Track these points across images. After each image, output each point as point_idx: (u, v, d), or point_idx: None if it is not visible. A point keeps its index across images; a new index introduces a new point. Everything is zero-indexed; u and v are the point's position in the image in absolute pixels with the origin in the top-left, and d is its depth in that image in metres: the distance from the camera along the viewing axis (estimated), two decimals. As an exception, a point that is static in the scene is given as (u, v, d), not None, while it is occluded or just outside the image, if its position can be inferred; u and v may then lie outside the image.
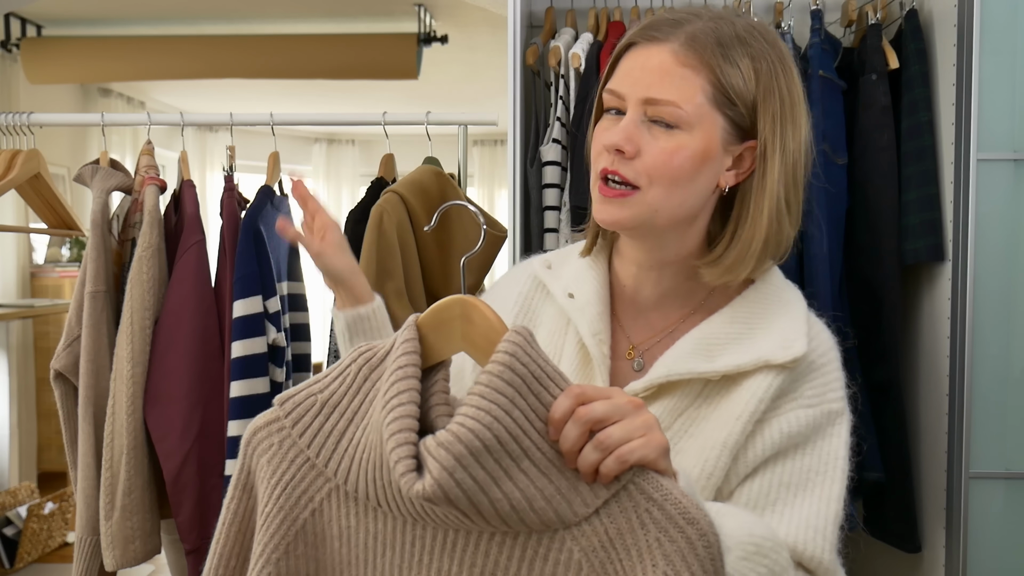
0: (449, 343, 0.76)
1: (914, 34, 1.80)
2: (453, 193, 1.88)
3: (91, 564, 1.87)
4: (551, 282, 1.01)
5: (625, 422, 0.70)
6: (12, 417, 4.01)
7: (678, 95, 0.86)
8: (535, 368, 0.70)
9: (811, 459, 0.89)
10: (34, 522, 3.36)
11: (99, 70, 4.33)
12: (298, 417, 0.77)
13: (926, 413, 1.84)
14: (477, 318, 0.75)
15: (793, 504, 0.87)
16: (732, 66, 0.87)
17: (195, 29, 4.31)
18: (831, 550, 0.86)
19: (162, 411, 1.83)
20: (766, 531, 0.81)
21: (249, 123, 2.07)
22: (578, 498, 0.70)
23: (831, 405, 0.92)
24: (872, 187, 1.80)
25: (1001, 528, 1.74)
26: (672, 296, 0.96)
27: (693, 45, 0.87)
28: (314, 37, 4.09)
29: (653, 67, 0.87)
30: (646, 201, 0.88)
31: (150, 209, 1.87)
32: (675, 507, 0.69)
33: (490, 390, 0.69)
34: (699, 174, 0.88)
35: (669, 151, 0.86)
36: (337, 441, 0.76)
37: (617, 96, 0.90)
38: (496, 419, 0.68)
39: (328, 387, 0.77)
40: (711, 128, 0.87)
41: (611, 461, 0.69)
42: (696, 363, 0.89)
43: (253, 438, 0.79)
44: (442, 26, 4.18)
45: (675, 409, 0.90)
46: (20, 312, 3.72)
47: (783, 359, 0.88)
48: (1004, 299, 1.74)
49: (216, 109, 6.10)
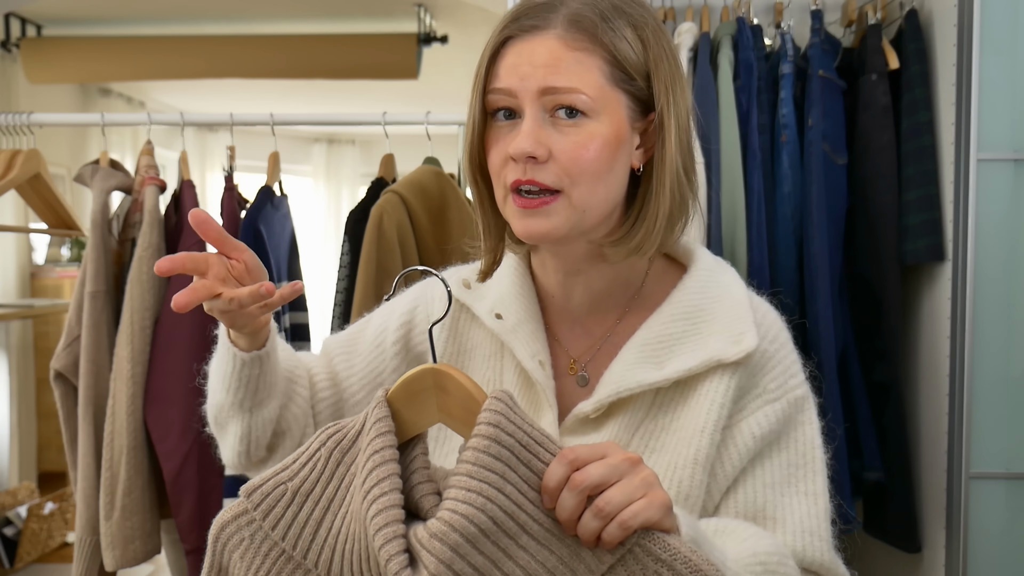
0: (424, 416, 0.72)
1: (914, 34, 1.80)
2: (453, 193, 1.88)
3: (91, 564, 1.87)
4: (474, 303, 0.94)
5: (623, 483, 0.66)
6: (12, 417, 4.00)
7: (578, 80, 0.79)
8: (521, 436, 0.67)
9: (789, 453, 0.86)
10: (34, 522, 3.36)
11: (99, 70, 4.33)
12: (268, 508, 0.73)
13: (926, 413, 1.84)
14: (452, 387, 0.71)
15: (783, 505, 0.84)
16: (620, 39, 0.80)
17: (195, 29, 4.31)
18: (829, 549, 0.84)
19: (162, 411, 1.83)
20: (770, 545, 0.78)
21: (249, 123, 2.07)
22: (582, 565, 0.67)
23: (795, 392, 0.87)
24: (872, 187, 1.80)
25: (1001, 528, 1.74)
26: (605, 297, 0.90)
27: (579, 25, 0.80)
28: (314, 37, 4.09)
29: (542, 57, 0.79)
30: (572, 204, 0.80)
31: (150, 209, 1.87)
32: (685, 566, 0.66)
33: (478, 468, 0.65)
34: (615, 161, 0.81)
35: (582, 144, 0.79)
36: (314, 531, 0.72)
37: (507, 94, 0.81)
38: (489, 499, 0.65)
39: (298, 474, 0.73)
40: (616, 109, 0.81)
41: (614, 528, 0.65)
42: (644, 373, 0.84)
43: (222, 534, 0.74)
44: (442, 26, 4.18)
45: (630, 425, 0.85)
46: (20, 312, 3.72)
47: (735, 355, 0.83)
48: (1004, 299, 1.73)
49: (216, 109, 6.10)
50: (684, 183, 0.85)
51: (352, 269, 1.85)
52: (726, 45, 1.80)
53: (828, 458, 0.88)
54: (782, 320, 0.91)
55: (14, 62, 4.21)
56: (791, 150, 1.78)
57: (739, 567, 0.74)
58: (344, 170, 7.23)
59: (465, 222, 1.88)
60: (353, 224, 1.88)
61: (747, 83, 1.78)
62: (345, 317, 1.85)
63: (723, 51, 1.79)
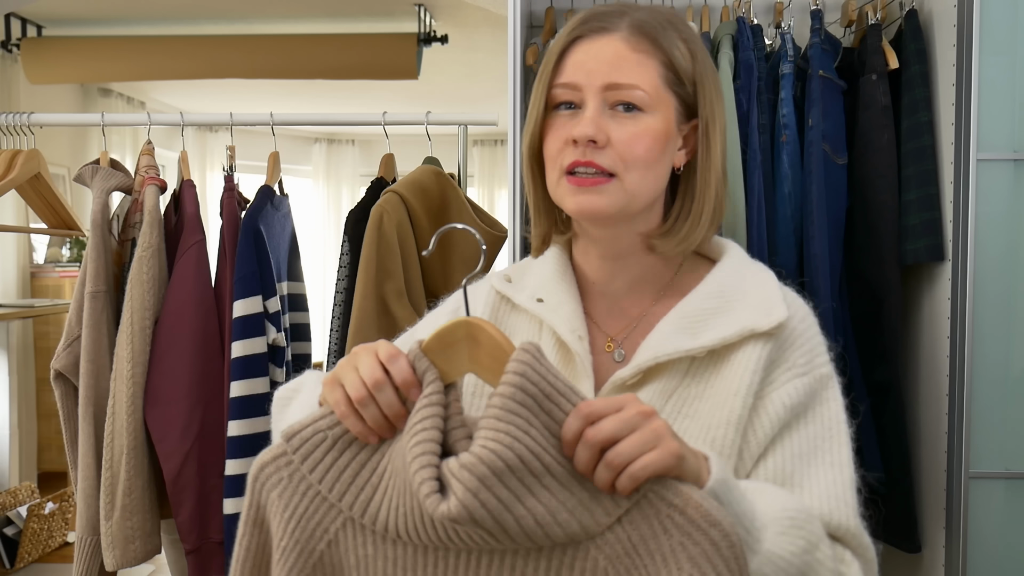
0: (456, 366, 0.76)
1: (914, 34, 1.80)
2: (453, 193, 1.88)
3: (91, 564, 1.87)
4: (514, 294, 1.01)
5: (634, 436, 0.70)
6: (12, 417, 4.00)
7: (638, 78, 0.89)
8: (545, 386, 0.71)
9: (816, 426, 0.91)
10: (34, 522, 3.36)
11: (99, 70, 4.33)
12: (307, 453, 0.77)
13: (926, 413, 1.84)
14: (484, 339, 0.76)
15: (809, 474, 0.89)
16: (675, 48, 0.91)
17: (195, 29, 4.31)
18: (855, 515, 0.88)
19: (162, 411, 1.83)
20: (798, 504, 0.83)
21: (249, 123, 2.07)
22: (599, 508, 0.72)
23: (821, 370, 0.93)
24: (872, 187, 1.80)
25: (1001, 528, 1.75)
26: (642, 282, 0.98)
27: (642, 31, 0.90)
28: (314, 37, 4.08)
29: (608, 56, 0.90)
30: (624, 188, 0.90)
31: (150, 209, 1.87)
32: (696, 511, 0.70)
33: (504, 412, 0.70)
34: (664, 155, 0.91)
35: (638, 134, 0.89)
36: (354, 476, 0.76)
37: (572, 88, 0.91)
38: (516, 439, 0.69)
39: (339, 424, 0.77)
40: (667, 109, 0.91)
41: (624, 479, 0.70)
42: (681, 341, 0.90)
43: (260, 473, 0.79)
44: (442, 26, 4.18)
45: (664, 391, 0.91)
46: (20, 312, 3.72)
47: (767, 326, 0.89)
48: (1004, 299, 1.74)
49: (216, 109, 6.09)
50: (722, 186, 0.95)
51: (352, 269, 1.85)
52: (726, 45, 1.80)
53: (852, 432, 0.94)
54: (809, 307, 0.98)
55: (14, 62, 4.21)
56: (791, 150, 1.78)
57: (768, 519, 0.79)
58: (344, 170, 7.22)
59: (465, 222, 1.88)
60: (353, 224, 1.88)
61: (747, 83, 1.78)
62: (345, 317, 1.85)
63: (723, 51, 1.79)
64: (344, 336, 1.84)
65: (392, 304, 1.76)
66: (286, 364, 1.95)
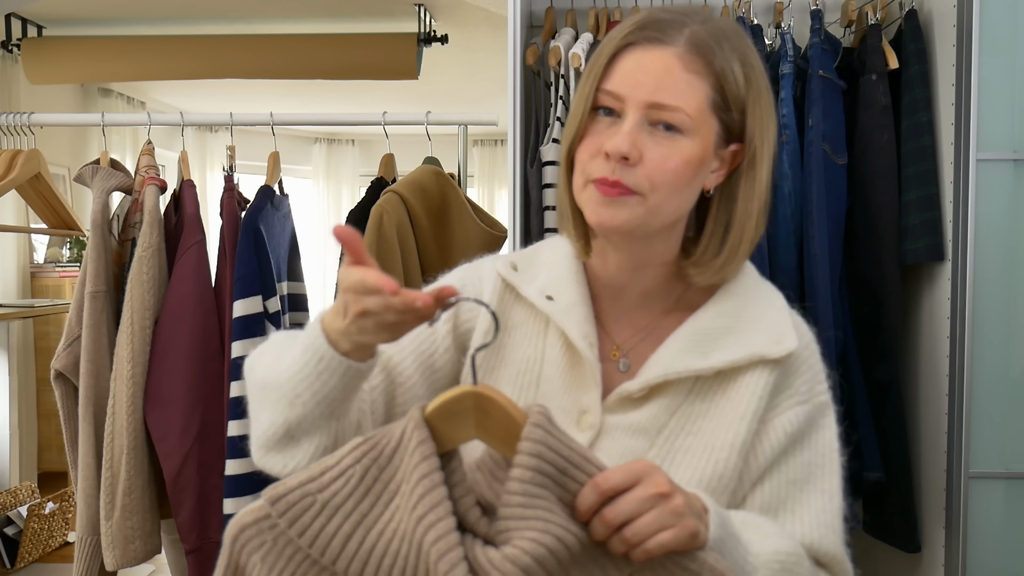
0: (461, 434, 0.75)
1: (914, 34, 1.80)
2: (453, 193, 1.89)
3: (91, 564, 1.87)
4: (522, 285, 0.98)
5: (651, 515, 0.71)
6: (12, 417, 4.01)
7: (684, 101, 0.85)
8: (561, 462, 0.72)
9: (810, 453, 0.92)
10: (35, 522, 3.36)
11: (99, 70, 4.32)
12: (295, 517, 0.75)
13: (926, 413, 1.84)
14: (494, 410, 0.74)
15: (801, 500, 0.90)
16: (729, 71, 0.87)
17: (195, 29, 4.31)
18: (840, 543, 0.90)
19: (162, 411, 1.83)
20: (789, 545, 0.84)
21: (249, 123, 2.07)
22: (612, 564, 0.73)
23: (820, 398, 0.93)
24: (872, 187, 1.80)
25: (1001, 528, 1.75)
26: (654, 294, 0.96)
27: (699, 50, 0.86)
28: (314, 37, 4.08)
29: (658, 71, 0.85)
30: (647, 205, 0.86)
31: (150, 209, 1.87)
32: (711, 574, 0.72)
33: (528, 498, 0.71)
34: (695, 179, 0.88)
35: (671, 156, 0.85)
36: (343, 544, 0.75)
37: (615, 97, 0.87)
38: (547, 524, 0.70)
39: (328, 487, 0.75)
40: (708, 133, 0.87)
41: (639, 553, 0.72)
42: (690, 360, 0.90)
43: (241, 535, 0.76)
44: (442, 26, 4.18)
45: (669, 407, 0.90)
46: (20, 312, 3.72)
47: (777, 354, 0.89)
48: (1004, 299, 1.74)
49: (216, 109, 6.09)
50: (765, 214, 0.92)
51: (352, 269, 1.84)
52: (726, 45, 1.80)
53: (843, 460, 0.95)
54: (812, 333, 0.98)
55: (14, 62, 4.21)
56: (791, 150, 1.78)
57: (759, 561, 0.81)
58: (344, 170, 7.23)
59: (465, 221, 1.88)
60: (353, 224, 1.88)
61: (747, 83, 1.78)
62: (345, 317, 1.85)
63: (723, 51, 1.79)
64: (344, 336, 1.84)
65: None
66: (286, 364, 1.95)
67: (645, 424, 0.90)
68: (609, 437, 0.91)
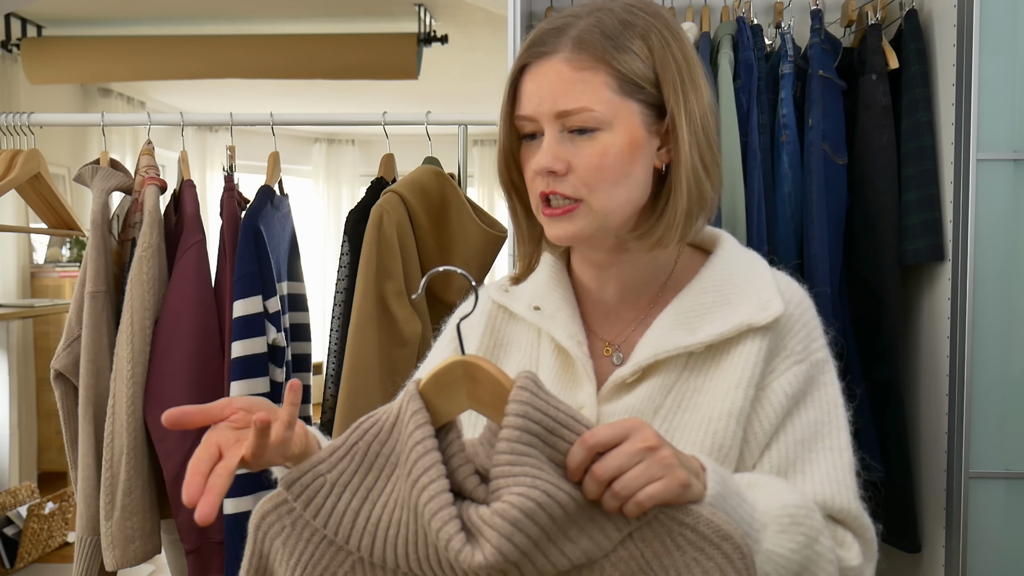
0: (455, 405, 0.77)
1: (914, 34, 1.80)
2: (453, 193, 1.88)
3: (91, 564, 1.87)
4: (511, 302, 1.02)
5: (640, 467, 0.71)
6: (12, 417, 4.01)
7: (586, 99, 0.86)
8: (548, 421, 0.72)
9: (815, 411, 0.92)
10: (34, 522, 3.36)
11: (99, 70, 4.33)
12: (309, 499, 0.78)
13: (926, 413, 1.84)
14: (482, 377, 0.75)
15: (810, 460, 0.90)
16: (625, 52, 0.87)
17: (195, 29, 4.31)
18: (855, 498, 0.90)
19: (162, 411, 1.81)
20: (798, 498, 0.83)
21: (249, 123, 2.07)
22: (610, 524, 0.73)
23: (817, 355, 0.94)
24: (872, 187, 1.80)
25: (1001, 528, 1.75)
26: (636, 287, 0.97)
27: (582, 46, 0.87)
28: (314, 37, 4.09)
29: (552, 81, 0.87)
30: (592, 209, 0.88)
31: (150, 209, 1.87)
32: (707, 527, 0.72)
33: (515, 456, 0.71)
34: (633, 166, 0.88)
35: (597, 155, 0.87)
36: (353, 519, 0.77)
37: (529, 120, 0.89)
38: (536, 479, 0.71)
39: (336, 466, 0.78)
40: (629, 118, 0.88)
41: (631, 506, 0.72)
42: (679, 337, 0.91)
43: (263, 522, 0.79)
44: (442, 26, 4.18)
45: (663, 386, 0.91)
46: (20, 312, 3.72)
47: (764, 320, 0.90)
48: (1004, 299, 1.74)
49: (216, 109, 6.09)
50: (703, 179, 0.91)
51: (352, 269, 1.85)
52: (726, 45, 1.80)
53: (849, 415, 0.95)
54: (804, 289, 0.98)
55: (14, 62, 4.21)
56: (791, 150, 1.78)
57: (767, 518, 0.80)
58: (344, 170, 7.22)
59: (465, 221, 1.88)
60: (353, 224, 1.88)
61: (747, 83, 1.78)
62: (345, 317, 1.85)
63: (723, 51, 1.79)
64: (344, 336, 1.84)
65: (392, 304, 1.76)
66: (286, 364, 1.95)
67: (641, 406, 0.91)
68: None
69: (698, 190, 0.90)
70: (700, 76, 0.91)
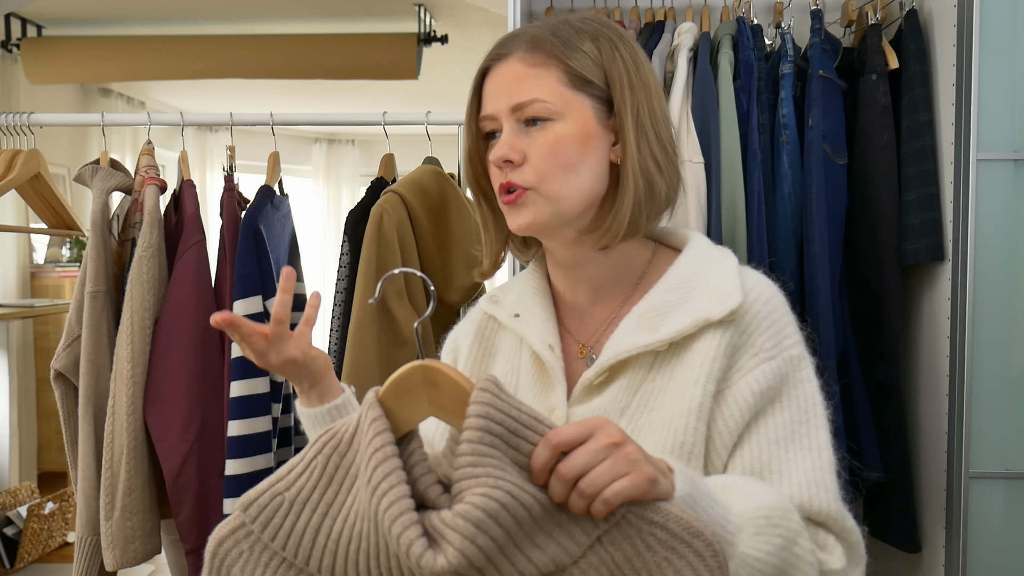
0: (416, 411, 0.75)
1: (914, 34, 1.80)
2: (453, 193, 1.88)
3: (91, 564, 1.87)
4: (497, 312, 1.05)
5: (605, 464, 0.70)
6: (12, 417, 4.01)
7: (538, 91, 0.91)
8: (510, 422, 0.71)
9: (791, 410, 0.90)
10: (34, 522, 3.36)
11: (99, 70, 4.33)
12: (266, 520, 0.75)
13: (926, 413, 1.84)
14: (442, 381, 0.74)
15: (787, 460, 0.88)
16: (576, 51, 0.92)
17: (195, 29, 4.31)
18: (835, 499, 0.87)
19: (162, 411, 1.83)
20: (774, 500, 0.82)
21: (249, 123, 2.07)
22: (578, 529, 0.71)
23: (791, 351, 0.92)
24: (872, 187, 1.80)
25: (1001, 528, 1.75)
26: (607, 287, 0.99)
27: (535, 45, 0.93)
28: (314, 37, 4.09)
29: (508, 79, 0.93)
30: (543, 195, 0.92)
31: (150, 209, 1.87)
32: (678, 524, 0.70)
33: (477, 457, 0.70)
34: (585, 155, 0.92)
35: (548, 143, 0.91)
36: (313, 538, 0.74)
37: (490, 119, 0.95)
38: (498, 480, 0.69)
39: (295, 484, 0.75)
40: (580, 109, 0.92)
41: (598, 504, 0.70)
42: (640, 337, 0.91)
43: (219, 549, 0.76)
44: (442, 26, 4.18)
45: (630, 386, 0.92)
46: (20, 312, 3.72)
47: (720, 314, 0.90)
48: (1004, 299, 1.74)
49: (216, 109, 6.09)
50: (653, 175, 0.93)
51: (352, 269, 1.85)
52: (726, 45, 1.80)
53: (829, 414, 0.93)
54: (776, 286, 0.97)
55: (14, 62, 4.21)
56: (791, 150, 1.78)
57: (742, 520, 0.79)
58: (344, 170, 7.23)
59: (465, 221, 1.88)
60: (353, 224, 1.88)
61: (747, 83, 1.78)
62: (345, 317, 1.85)
63: (723, 51, 1.79)
64: (344, 336, 1.84)
65: (392, 304, 1.76)
66: (286, 364, 1.95)
67: (607, 407, 0.91)
68: None
69: (647, 185, 0.93)
70: (649, 76, 0.95)
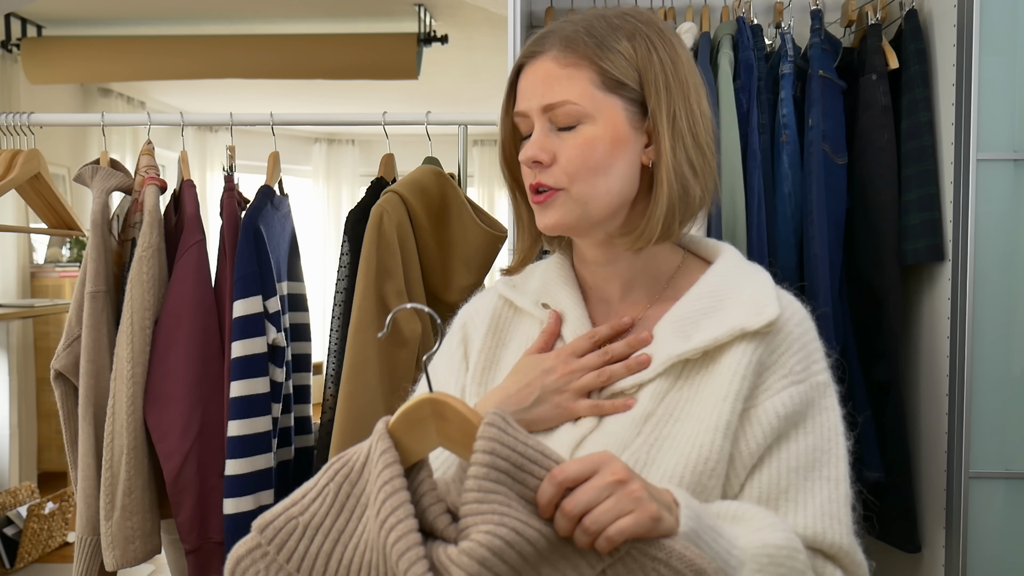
0: (424, 443, 0.77)
1: (914, 34, 1.80)
2: (453, 193, 1.88)
3: (91, 564, 1.87)
4: (517, 298, 1.04)
5: (609, 502, 0.71)
6: (12, 417, 4.01)
7: (569, 93, 0.90)
8: (516, 457, 0.72)
9: (813, 437, 0.89)
10: (34, 522, 3.36)
11: (99, 70, 4.33)
12: (282, 543, 0.78)
13: (926, 413, 1.84)
14: (450, 415, 0.75)
15: (804, 489, 0.87)
16: (610, 51, 0.91)
17: (195, 29, 4.32)
18: (848, 533, 0.87)
19: (162, 411, 1.83)
20: (781, 538, 0.81)
21: (249, 123, 2.07)
22: (584, 562, 0.73)
23: (818, 377, 0.91)
24: (872, 187, 1.80)
25: (1001, 528, 1.75)
26: (636, 286, 0.99)
27: (569, 45, 0.91)
28: (314, 37, 4.09)
29: (540, 78, 0.92)
30: (572, 197, 0.92)
31: (150, 209, 1.87)
32: (680, 561, 0.71)
33: (483, 493, 0.71)
34: (615, 159, 0.91)
35: (579, 145, 0.90)
36: (325, 563, 0.77)
37: (523, 116, 0.94)
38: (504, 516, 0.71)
39: (308, 509, 0.78)
40: (612, 112, 0.91)
41: (602, 541, 0.71)
42: (676, 346, 0.91)
43: (237, 567, 0.79)
44: (442, 26, 4.18)
45: (656, 394, 0.91)
46: (20, 312, 3.72)
47: (757, 324, 0.89)
48: (1004, 299, 1.74)
49: (216, 109, 6.10)
50: (688, 179, 0.92)
51: (352, 269, 1.85)
52: (726, 45, 1.80)
53: (850, 445, 0.93)
54: (807, 311, 0.97)
55: (14, 62, 4.21)
56: (791, 150, 1.78)
57: (746, 555, 0.79)
58: (344, 170, 7.23)
59: (465, 221, 1.88)
60: (353, 224, 1.88)
61: (747, 83, 1.78)
62: (345, 317, 1.85)
63: (723, 51, 1.79)
64: (344, 336, 1.84)
65: (392, 304, 1.76)
66: (286, 364, 1.95)
67: (633, 412, 0.91)
68: (600, 431, 0.92)
69: (682, 190, 0.92)
70: (689, 77, 0.93)
